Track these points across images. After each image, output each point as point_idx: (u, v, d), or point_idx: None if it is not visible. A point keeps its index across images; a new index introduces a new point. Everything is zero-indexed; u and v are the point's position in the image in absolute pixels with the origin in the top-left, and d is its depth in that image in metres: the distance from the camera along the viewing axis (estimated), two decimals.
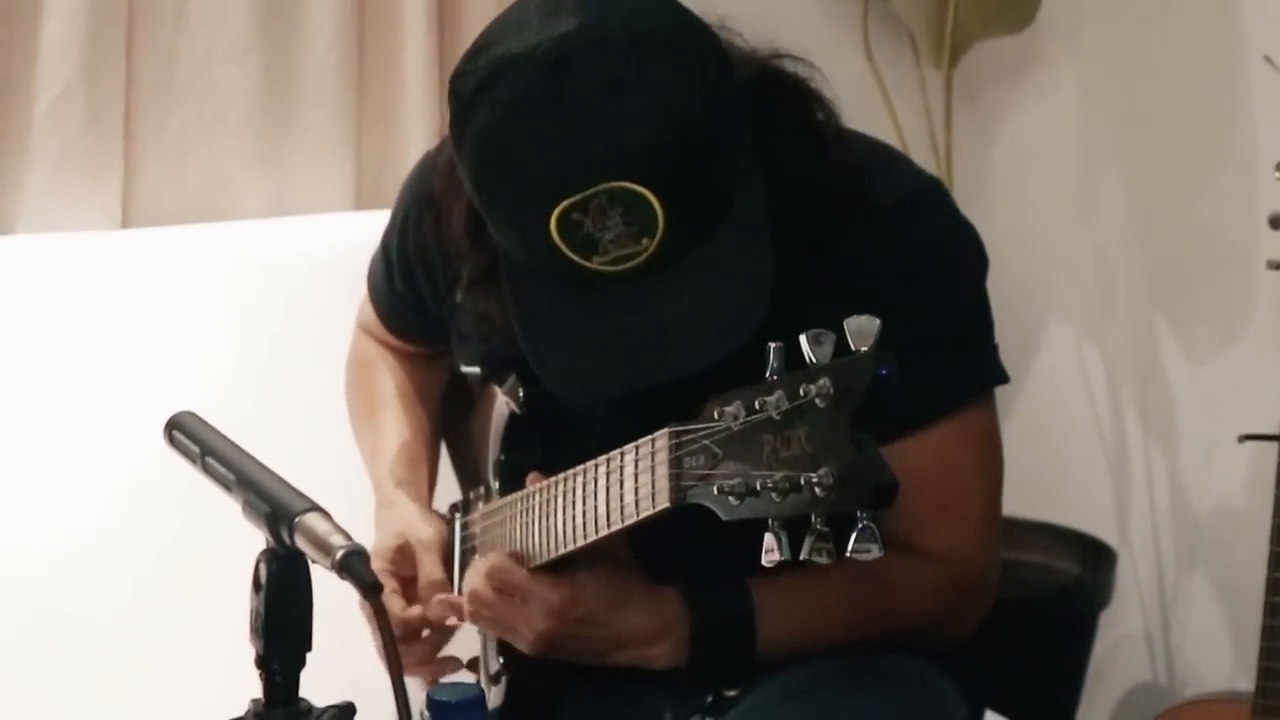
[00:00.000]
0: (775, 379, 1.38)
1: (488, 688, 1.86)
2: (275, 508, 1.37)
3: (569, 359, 1.66)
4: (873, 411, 1.34)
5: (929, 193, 1.83)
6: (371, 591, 1.32)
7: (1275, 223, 2.13)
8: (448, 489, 2.12)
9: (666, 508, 1.50)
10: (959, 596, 1.82)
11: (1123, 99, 2.92)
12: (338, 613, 1.47)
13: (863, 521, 1.34)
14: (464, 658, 1.93)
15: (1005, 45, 2.92)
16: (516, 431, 1.88)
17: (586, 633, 1.72)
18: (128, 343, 2.42)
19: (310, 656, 1.38)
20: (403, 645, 1.88)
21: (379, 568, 1.89)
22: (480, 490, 1.98)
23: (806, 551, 1.35)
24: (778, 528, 1.37)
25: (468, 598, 1.78)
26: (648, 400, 1.55)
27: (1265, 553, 2.13)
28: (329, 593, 1.39)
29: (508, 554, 1.76)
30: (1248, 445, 2.26)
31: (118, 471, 2.34)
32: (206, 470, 1.46)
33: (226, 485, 1.43)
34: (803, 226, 1.68)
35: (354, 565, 1.32)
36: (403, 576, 1.93)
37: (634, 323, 1.62)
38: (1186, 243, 2.86)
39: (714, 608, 1.73)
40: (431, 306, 1.99)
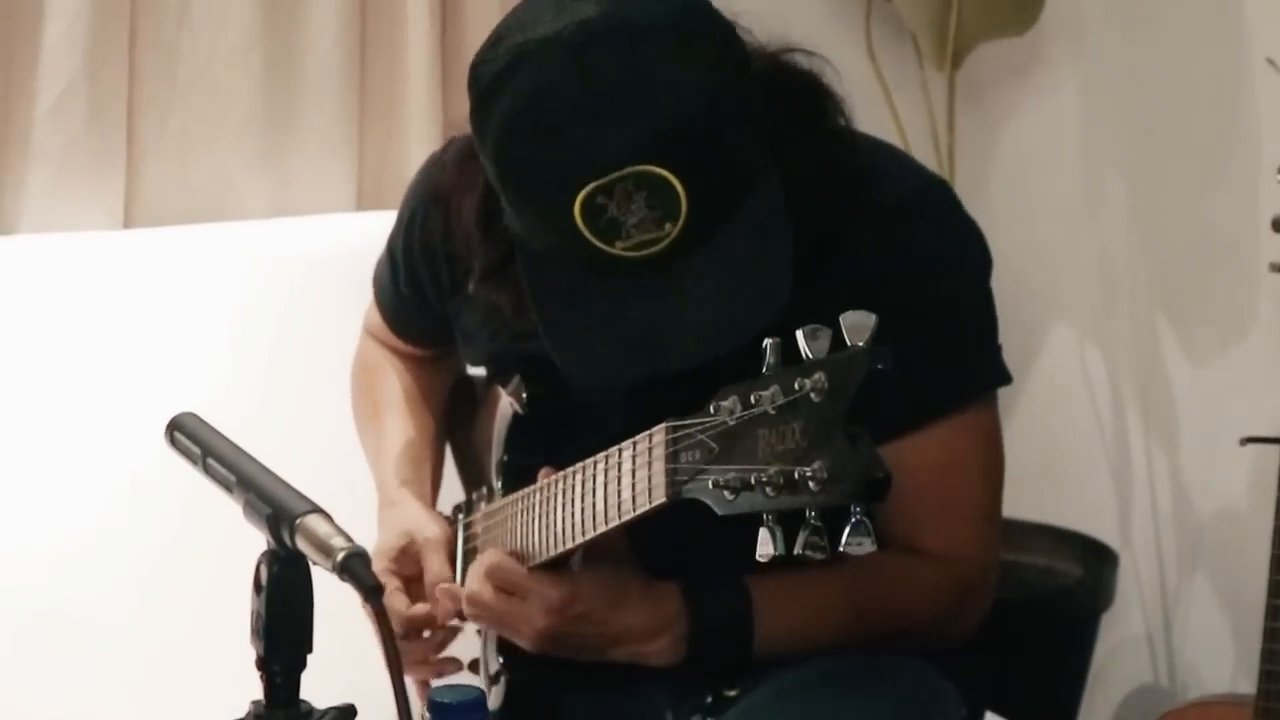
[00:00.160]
0: (771, 374, 1.38)
1: (488, 688, 1.85)
2: (276, 509, 1.37)
3: (587, 346, 1.66)
4: (874, 409, 1.34)
5: (934, 192, 1.84)
6: (372, 594, 1.31)
7: (1277, 225, 2.13)
8: (451, 493, 2.11)
9: (663, 503, 1.50)
10: (959, 596, 1.82)
11: (1125, 101, 2.92)
12: (339, 614, 1.47)
13: (856, 515, 1.34)
14: (465, 659, 1.93)
15: (1008, 47, 2.92)
16: (520, 432, 1.89)
17: (585, 629, 1.71)
18: (129, 343, 2.42)
19: (311, 658, 1.38)
20: (404, 644, 1.88)
21: (382, 567, 1.90)
22: (483, 491, 1.98)
23: (800, 546, 1.35)
24: (772, 523, 1.37)
25: (468, 598, 1.78)
26: (652, 399, 1.55)
27: (1267, 555, 2.13)
28: (330, 594, 1.39)
29: (508, 552, 1.76)
30: (1249, 447, 2.26)
31: (119, 472, 2.33)
32: (207, 471, 1.46)
33: (227, 486, 1.43)
34: (809, 223, 1.68)
35: (355, 567, 1.31)
36: (406, 575, 1.92)
37: (654, 309, 1.62)
38: (1189, 245, 2.86)
39: (712, 606, 1.73)
40: (436, 307, 1.99)
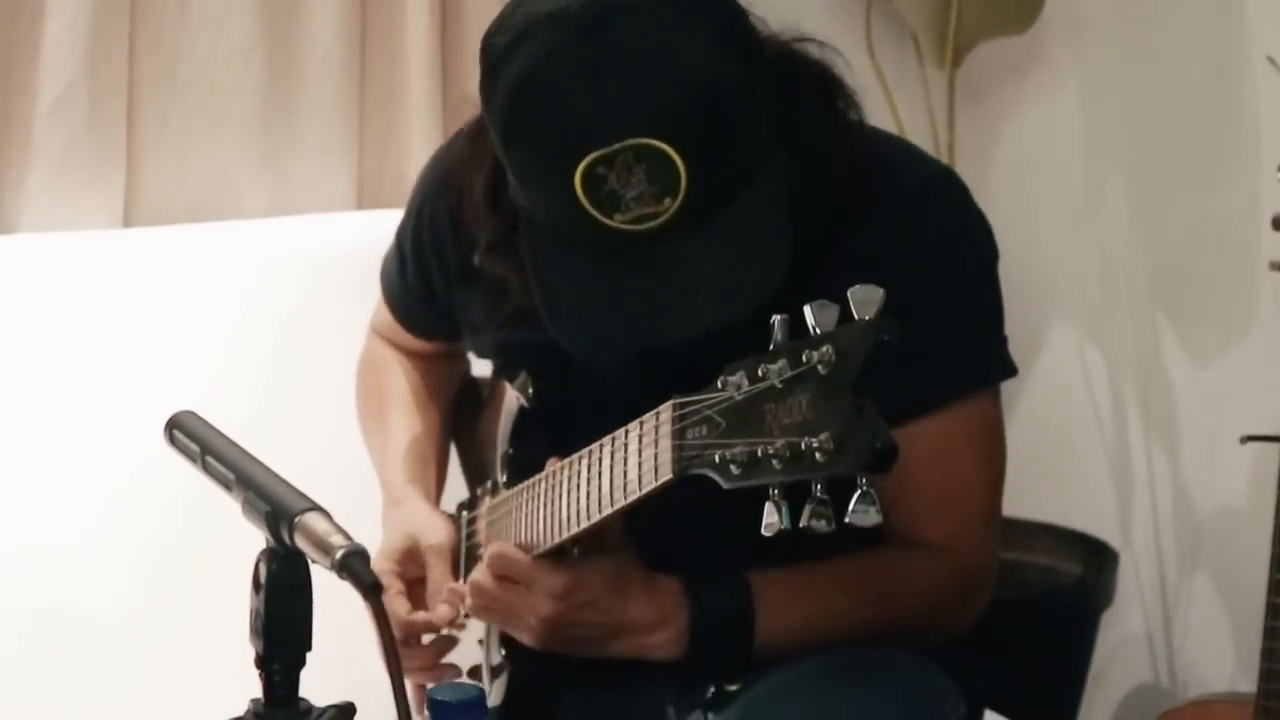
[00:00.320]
0: (778, 349, 1.39)
1: (489, 683, 1.85)
2: (275, 507, 1.36)
3: (584, 317, 1.67)
4: (878, 395, 1.34)
5: (944, 183, 1.84)
6: (371, 592, 1.31)
7: (1278, 223, 2.13)
8: (456, 493, 2.11)
9: (670, 479, 1.50)
10: (958, 590, 1.82)
11: (1125, 100, 2.92)
12: (338, 613, 1.47)
13: (862, 486, 1.34)
14: (464, 666, 1.93)
15: (1008, 45, 2.92)
16: (525, 425, 1.89)
17: (588, 619, 1.71)
18: (130, 342, 2.42)
19: (310, 656, 1.38)
20: (404, 649, 1.87)
21: (386, 568, 1.90)
22: (487, 485, 1.98)
23: (806, 519, 1.35)
24: (778, 497, 1.37)
25: (470, 589, 1.78)
26: (657, 390, 1.55)
27: (1267, 554, 2.13)
28: (329, 592, 1.39)
29: (512, 544, 1.76)
30: (1250, 446, 2.26)
31: (119, 471, 2.34)
32: (206, 470, 1.46)
33: (226, 485, 1.43)
34: (817, 211, 1.69)
35: (354, 565, 1.31)
36: (409, 578, 1.93)
37: (650, 282, 1.63)
38: (1189, 243, 2.86)
39: (713, 600, 1.73)
40: (443, 299, 1.99)
